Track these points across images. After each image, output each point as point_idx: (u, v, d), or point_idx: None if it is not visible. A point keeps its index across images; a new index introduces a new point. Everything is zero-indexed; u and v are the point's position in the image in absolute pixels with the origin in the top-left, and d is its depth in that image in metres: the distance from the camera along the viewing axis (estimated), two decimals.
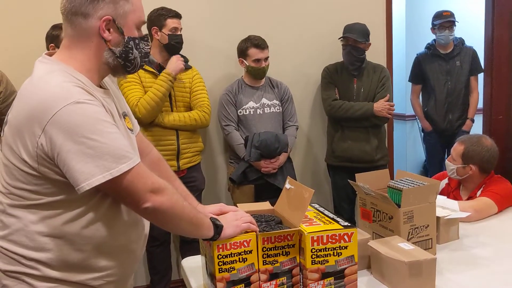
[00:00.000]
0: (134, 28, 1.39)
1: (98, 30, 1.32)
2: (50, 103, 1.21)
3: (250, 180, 3.26)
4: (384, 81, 3.48)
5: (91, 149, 1.21)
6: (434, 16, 4.17)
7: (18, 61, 3.04)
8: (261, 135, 3.18)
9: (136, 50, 1.40)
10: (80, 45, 1.34)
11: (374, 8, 3.87)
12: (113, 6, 1.32)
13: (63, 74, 1.29)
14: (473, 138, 2.65)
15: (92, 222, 1.34)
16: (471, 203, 2.37)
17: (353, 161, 3.47)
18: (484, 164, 2.54)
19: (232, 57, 3.45)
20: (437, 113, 4.19)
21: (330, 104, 3.46)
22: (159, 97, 2.93)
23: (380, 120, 3.45)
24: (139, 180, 1.28)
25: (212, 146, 3.64)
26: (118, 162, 1.24)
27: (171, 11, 3.06)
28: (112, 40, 1.35)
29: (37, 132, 1.23)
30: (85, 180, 1.22)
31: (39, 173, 1.27)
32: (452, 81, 4.12)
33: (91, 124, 1.22)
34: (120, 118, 1.45)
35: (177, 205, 1.35)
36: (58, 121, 1.20)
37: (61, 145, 1.21)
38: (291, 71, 3.72)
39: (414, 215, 1.84)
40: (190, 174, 3.18)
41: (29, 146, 1.25)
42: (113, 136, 1.26)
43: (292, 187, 1.66)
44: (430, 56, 4.20)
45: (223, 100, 3.30)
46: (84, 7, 1.30)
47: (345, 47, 3.46)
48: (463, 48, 4.19)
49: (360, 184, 1.94)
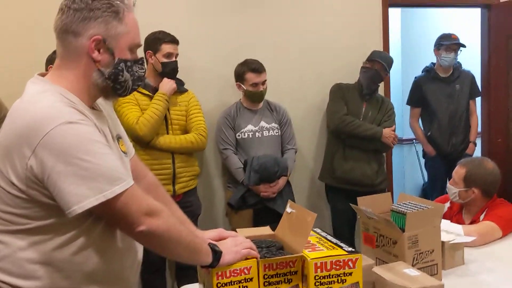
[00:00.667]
0: (127, 50, 1.35)
1: (88, 50, 1.29)
2: (41, 124, 1.17)
3: (248, 204, 3.21)
4: (390, 113, 3.57)
5: (84, 170, 1.17)
6: (440, 37, 4.11)
7: (9, 82, 3.01)
8: (260, 159, 3.14)
9: (128, 72, 1.35)
10: (70, 64, 1.32)
11: (371, 32, 3.90)
12: (104, 26, 1.29)
13: (54, 95, 1.25)
14: (475, 161, 2.61)
15: (83, 247, 1.28)
16: (476, 227, 2.32)
17: (353, 183, 3.45)
18: (487, 187, 2.50)
19: (229, 81, 3.43)
20: (441, 137, 4.12)
21: (340, 118, 3.46)
22: (158, 114, 2.93)
23: (384, 146, 3.50)
24: (134, 202, 1.23)
25: (209, 170, 3.59)
26: (112, 184, 1.20)
27: (168, 35, 3.04)
28: (101, 60, 1.31)
29: (27, 153, 1.18)
30: (77, 202, 1.17)
31: (27, 196, 1.22)
32: (454, 104, 4.08)
33: (83, 145, 1.18)
34: (114, 141, 1.41)
35: (174, 228, 1.30)
36: (49, 142, 1.16)
37: (52, 166, 1.16)
38: (290, 94, 3.71)
39: (419, 239, 1.79)
40: (186, 199, 3.11)
41: (18, 168, 1.20)
42: (106, 157, 1.22)
43: (293, 211, 1.61)
44: (431, 79, 4.15)
45: (221, 124, 3.27)
46: (75, 26, 1.28)
47: (367, 70, 3.49)
48: (462, 71, 4.17)
49: (363, 208, 1.89)
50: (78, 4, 1.28)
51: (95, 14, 1.28)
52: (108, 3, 1.29)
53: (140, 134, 2.86)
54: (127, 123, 2.88)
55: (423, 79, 4.19)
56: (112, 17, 1.30)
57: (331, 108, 3.56)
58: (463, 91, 4.11)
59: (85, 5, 1.28)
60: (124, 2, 1.32)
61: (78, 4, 1.28)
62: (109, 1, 1.29)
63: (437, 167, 4.25)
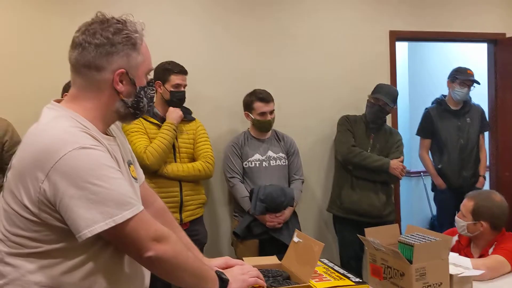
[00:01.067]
0: (144, 77, 1.40)
1: (112, 82, 1.33)
2: (55, 148, 1.19)
3: (254, 234, 3.19)
4: (398, 145, 3.58)
5: (95, 194, 1.19)
6: (456, 70, 4.08)
7: (25, 107, 3.07)
8: (267, 188, 3.14)
9: (145, 97, 1.41)
10: (89, 95, 1.34)
11: (379, 64, 3.96)
12: (126, 59, 1.33)
13: (69, 120, 1.28)
14: (483, 194, 2.60)
15: (91, 272, 1.28)
16: (484, 261, 2.29)
17: (361, 215, 3.43)
18: (495, 220, 2.47)
19: (237, 111, 3.47)
20: (451, 170, 4.05)
21: (349, 148, 3.47)
22: (165, 144, 2.95)
23: (392, 178, 3.49)
24: (142, 228, 1.24)
25: (215, 198, 3.60)
26: (122, 209, 1.21)
27: (177, 66, 3.09)
28: (124, 91, 1.35)
29: (40, 177, 1.20)
30: (87, 226, 1.18)
31: (39, 219, 1.23)
32: (464, 138, 4.04)
33: (95, 170, 1.20)
34: (125, 166, 1.43)
35: (181, 254, 1.30)
36: (62, 166, 1.18)
37: (65, 190, 1.18)
38: (297, 125, 3.74)
39: (427, 272, 1.77)
40: (193, 227, 3.10)
41: (31, 191, 1.22)
42: (117, 182, 1.24)
43: (300, 240, 1.60)
44: (442, 111, 4.11)
45: (229, 152, 3.29)
46: (99, 61, 1.31)
47: (372, 105, 3.51)
48: (472, 105, 4.14)
49: (371, 239, 1.88)
50: (100, 40, 1.30)
51: (117, 49, 1.31)
52: (127, 36, 1.32)
53: (147, 163, 2.89)
54: (135, 151, 2.90)
55: (434, 111, 4.14)
56: (131, 49, 1.33)
57: (339, 139, 3.58)
58: (473, 125, 4.07)
59: (107, 40, 1.30)
60: (138, 31, 1.36)
61: (99, 39, 1.30)
62: (128, 34, 1.32)
63: (447, 200, 4.17)
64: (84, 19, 1.37)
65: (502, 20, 4.29)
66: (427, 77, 5.48)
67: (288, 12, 3.75)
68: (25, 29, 3.24)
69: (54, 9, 3.29)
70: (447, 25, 4.14)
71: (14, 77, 3.22)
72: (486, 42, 4.37)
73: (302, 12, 3.78)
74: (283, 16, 3.74)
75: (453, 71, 4.09)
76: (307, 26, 3.79)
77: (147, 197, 1.58)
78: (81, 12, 2.97)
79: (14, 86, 3.21)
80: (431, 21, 4.08)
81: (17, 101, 3.17)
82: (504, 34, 4.27)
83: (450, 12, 4.14)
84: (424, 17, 4.07)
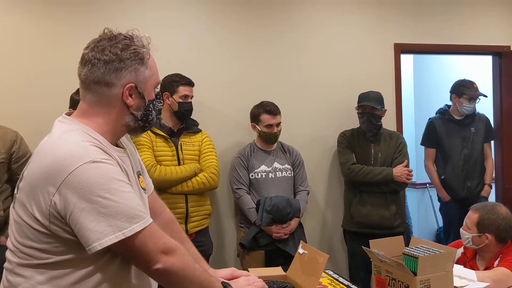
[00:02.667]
0: (152, 90, 1.43)
1: (121, 97, 1.36)
2: (66, 162, 1.22)
3: (261, 245, 3.20)
4: (401, 147, 3.54)
5: (105, 208, 1.21)
6: (461, 85, 4.04)
7: (36, 120, 3.12)
8: (273, 199, 3.16)
9: (154, 110, 1.44)
10: (100, 110, 1.37)
11: (384, 76, 3.98)
12: (135, 74, 1.36)
13: (81, 134, 1.31)
14: (487, 206, 2.59)
15: (99, 283, 1.30)
16: (489, 273, 2.28)
17: (371, 227, 3.42)
18: (500, 233, 2.47)
19: (243, 123, 3.51)
20: (456, 181, 4.02)
21: (349, 168, 3.47)
22: (179, 176, 3.02)
23: (399, 185, 3.46)
24: (151, 240, 1.26)
25: (221, 209, 3.61)
26: (131, 222, 1.23)
27: (184, 78, 3.14)
28: (134, 105, 1.38)
29: (51, 190, 1.22)
30: (97, 239, 1.20)
31: (49, 231, 1.26)
32: (468, 147, 4.01)
33: (105, 183, 1.23)
34: (135, 176, 1.45)
35: (188, 267, 1.32)
36: (73, 180, 1.21)
37: (75, 204, 1.20)
38: (306, 136, 3.76)
39: (431, 284, 1.77)
40: (198, 239, 3.11)
41: (42, 204, 1.24)
42: (127, 195, 1.26)
43: (305, 251, 1.62)
44: (445, 121, 4.10)
45: (235, 163, 3.32)
46: (108, 77, 1.33)
47: (362, 115, 3.52)
48: (476, 115, 4.11)
49: (375, 251, 1.89)
50: (109, 56, 1.33)
51: (126, 64, 1.34)
52: (135, 52, 1.35)
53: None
54: None
55: (437, 121, 4.13)
56: (139, 64, 1.36)
57: (340, 159, 3.60)
58: (478, 134, 4.04)
59: (116, 56, 1.33)
60: (145, 46, 1.39)
61: (108, 56, 1.33)
62: (135, 49, 1.35)
63: (452, 211, 4.12)
64: (98, 28, 1.41)
65: (506, 33, 4.31)
66: (433, 88, 5.50)
67: (296, 27, 3.79)
68: (42, 41, 3.30)
69: (73, 20, 3.34)
70: (452, 38, 4.16)
71: (25, 89, 3.27)
72: (491, 54, 4.39)
73: (309, 26, 3.82)
74: (291, 30, 3.78)
75: (458, 86, 4.06)
76: (314, 40, 3.83)
77: (155, 207, 1.60)
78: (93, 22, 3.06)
79: (25, 97, 3.26)
80: (436, 34, 4.11)
81: (28, 112, 3.22)
82: (508, 47, 4.29)
83: (454, 25, 4.17)
84: (429, 30, 4.09)
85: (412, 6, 4.07)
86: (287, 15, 3.78)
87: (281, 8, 3.76)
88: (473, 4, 4.24)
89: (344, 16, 3.93)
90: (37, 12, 3.30)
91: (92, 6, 3.34)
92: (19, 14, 3.27)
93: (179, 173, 3.02)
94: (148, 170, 2.95)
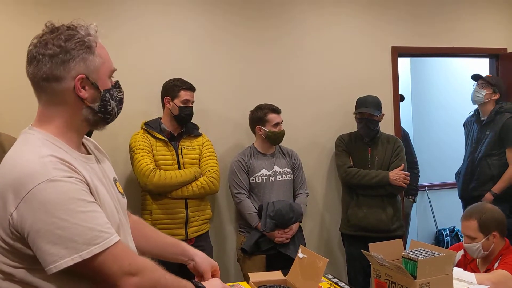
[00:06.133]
0: (107, 79, 1.35)
1: (74, 90, 1.28)
2: (24, 181, 1.16)
3: (262, 250, 3.19)
4: (398, 151, 3.54)
5: (61, 230, 1.14)
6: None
7: None
8: (276, 205, 3.15)
9: (112, 100, 1.36)
10: (55, 109, 1.30)
11: (381, 80, 4.00)
12: (83, 64, 1.28)
13: (42, 147, 1.24)
14: (477, 208, 2.58)
15: None
16: (489, 276, 2.29)
17: (368, 230, 3.42)
18: (501, 226, 2.49)
19: (242, 127, 3.51)
20: (460, 180, 4.01)
21: (345, 171, 3.49)
22: (179, 180, 3.01)
23: (396, 189, 3.46)
24: (115, 262, 1.19)
25: (221, 214, 3.61)
26: (89, 244, 1.16)
27: (186, 83, 3.15)
28: (88, 97, 1.30)
29: (10, 209, 1.17)
30: (53, 262, 1.15)
31: (14, 249, 1.20)
32: (478, 149, 3.90)
33: (63, 204, 1.16)
34: (111, 182, 1.41)
35: (160, 282, 1.27)
36: (30, 200, 1.15)
37: (31, 224, 1.15)
38: (303, 140, 3.77)
39: (431, 287, 1.78)
40: (198, 243, 3.10)
41: (3, 223, 1.19)
42: (86, 215, 1.18)
43: (305, 256, 1.62)
44: (474, 121, 4.04)
45: (235, 167, 3.30)
46: (56, 71, 1.26)
47: (360, 121, 3.53)
48: (496, 118, 3.85)
49: (374, 254, 1.89)
50: (53, 50, 1.26)
51: (72, 55, 1.27)
52: (80, 41, 1.28)
53: (147, 183, 2.96)
54: (138, 170, 2.97)
55: (468, 121, 4.13)
56: (87, 53, 1.29)
57: (336, 162, 3.62)
58: (490, 137, 3.85)
59: (60, 49, 1.26)
60: (91, 34, 1.32)
61: (52, 49, 1.26)
62: (80, 38, 1.28)
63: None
64: None
65: (503, 36, 4.34)
66: (430, 91, 5.51)
67: (293, 30, 3.81)
68: None
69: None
70: (449, 40, 4.19)
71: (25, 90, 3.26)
72: (488, 57, 4.41)
73: (307, 29, 3.84)
74: (289, 34, 3.79)
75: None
76: (312, 43, 3.85)
77: None
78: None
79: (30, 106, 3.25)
80: (433, 37, 4.13)
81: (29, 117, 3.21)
82: (506, 49, 4.31)
83: (451, 28, 4.19)
84: (426, 33, 4.12)
85: (409, 9, 4.09)
86: (285, 19, 3.79)
87: (279, 12, 3.78)
88: (470, 7, 4.26)
89: (342, 19, 3.95)
90: (32, 15, 3.29)
91: (91, 10, 3.34)
92: (10, 13, 3.27)
93: (179, 177, 3.02)
94: (148, 174, 2.96)
